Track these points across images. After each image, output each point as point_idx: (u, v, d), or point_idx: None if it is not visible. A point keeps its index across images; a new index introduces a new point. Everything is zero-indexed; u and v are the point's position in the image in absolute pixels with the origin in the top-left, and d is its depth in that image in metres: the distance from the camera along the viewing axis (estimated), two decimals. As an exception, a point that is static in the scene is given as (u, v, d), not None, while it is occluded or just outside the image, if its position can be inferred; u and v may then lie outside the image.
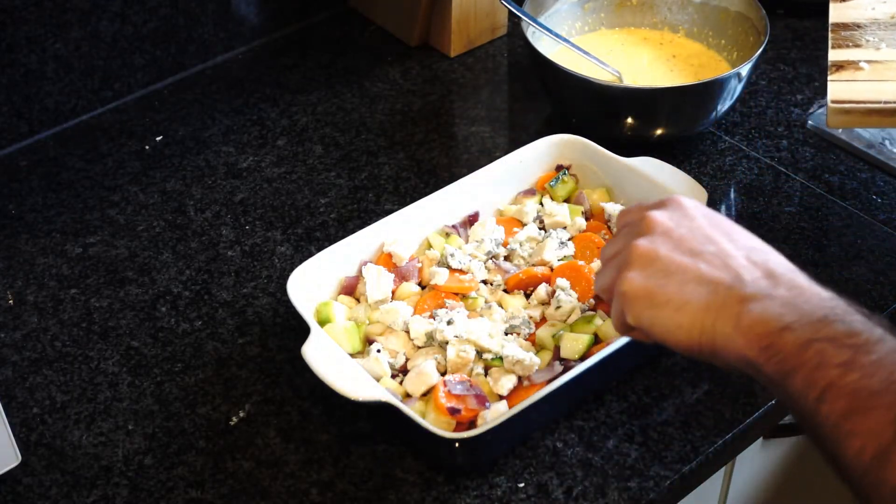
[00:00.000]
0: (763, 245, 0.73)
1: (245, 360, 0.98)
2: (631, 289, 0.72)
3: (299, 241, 1.10)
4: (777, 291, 0.67)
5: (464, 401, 0.86)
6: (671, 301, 0.70)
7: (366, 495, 0.87)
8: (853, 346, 0.62)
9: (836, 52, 1.06)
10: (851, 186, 1.14)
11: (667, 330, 0.70)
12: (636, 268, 0.72)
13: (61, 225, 1.13)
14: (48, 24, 1.18)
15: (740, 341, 0.66)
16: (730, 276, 0.69)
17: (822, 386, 0.61)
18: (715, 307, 0.68)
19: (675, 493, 0.89)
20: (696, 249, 0.71)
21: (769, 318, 0.65)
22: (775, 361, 0.64)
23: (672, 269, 0.71)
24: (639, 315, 0.72)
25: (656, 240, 0.72)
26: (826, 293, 0.67)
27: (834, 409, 0.61)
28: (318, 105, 1.27)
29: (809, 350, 0.63)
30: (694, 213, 0.74)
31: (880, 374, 0.60)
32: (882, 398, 0.59)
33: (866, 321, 0.64)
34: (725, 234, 0.73)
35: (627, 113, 1.15)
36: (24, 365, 0.98)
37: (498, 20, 1.35)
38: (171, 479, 0.89)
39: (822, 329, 0.64)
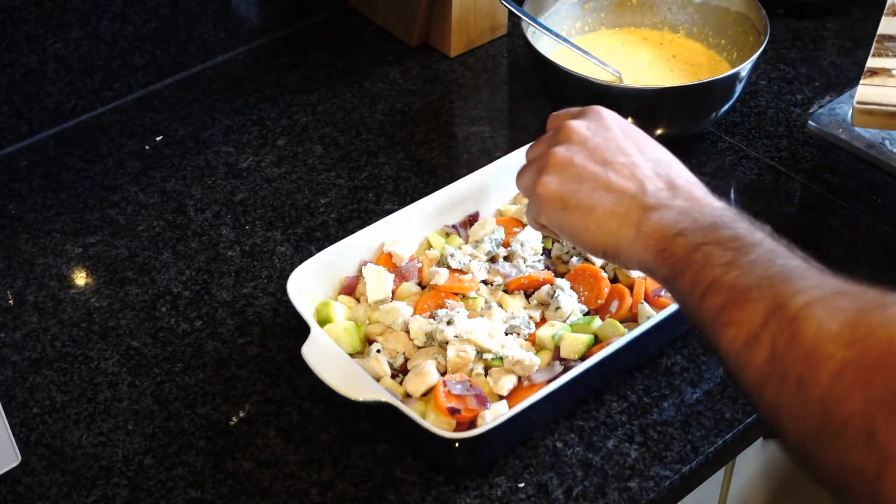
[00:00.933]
0: (670, 157, 0.80)
1: (245, 360, 0.98)
2: (546, 192, 0.79)
3: (299, 241, 1.10)
4: (675, 202, 0.74)
5: (464, 401, 0.86)
6: (580, 205, 0.77)
7: (366, 495, 0.87)
8: (735, 248, 0.68)
9: (874, 60, 1.11)
10: (851, 186, 1.14)
11: (575, 232, 0.78)
12: (552, 172, 0.79)
13: (61, 225, 1.13)
14: (48, 24, 1.18)
15: (639, 246, 0.74)
16: (635, 185, 0.76)
17: (705, 284, 0.67)
18: (619, 214, 0.75)
19: (675, 493, 0.89)
20: (608, 159, 0.78)
21: (665, 225, 0.73)
22: (668, 263, 0.71)
23: (584, 176, 0.78)
24: (551, 216, 0.79)
25: (573, 148, 0.80)
26: (718, 203, 0.75)
27: (714, 302, 0.66)
28: (318, 105, 1.27)
29: (698, 252, 0.69)
30: (610, 123, 0.82)
31: (756, 272, 0.66)
32: (755, 292, 0.64)
33: (749, 227, 0.71)
34: (637, 145, 0.80)
35: (627, 113, 1.14)
36: (24, 365, 0.98)
37: (498, 20, 1.35)
38: (171, 479, 0.89)
39: (710, 234, 0.70)
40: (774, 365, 0.61)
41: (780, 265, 0.66)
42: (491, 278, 0.99)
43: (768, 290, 0.64)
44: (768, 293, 0.64)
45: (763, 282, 0.65)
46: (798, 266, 0.66)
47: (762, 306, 0.63)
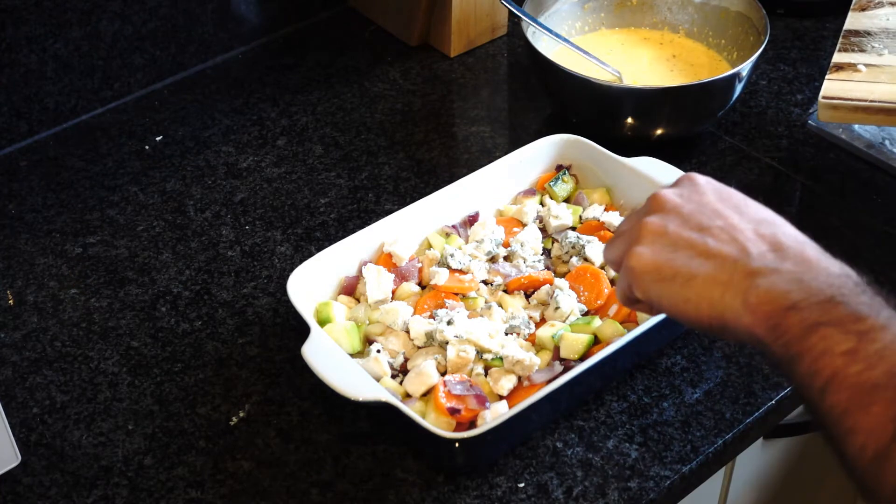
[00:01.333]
0: (774, 217, 0.72)
1: (245, 360, 0.98)
2: (639, 263, 0.72)
3: (299, 241, 1.10)
4: (784, 266, 0.67)
5: (464, 401, 0.86)
6: (678, 275, 0.70)
7: (366, 495, 0.87)
8: (858, 332, 0.61)
9: (840, 55, 1.11)
10: (851, 186, 1.14)
11: (674, 304, 0.70)
12: (645, 243, 0.72)
13: (61, 225, 1.13)
14: (48, 24, 1.18)
15: (748, 318, 0.66)
16: (736, 249, 0.69)
17: (826, 375, 0.61)
18: (722, 281, 0.68)
19: (675, 493, 0.89)
20: (704, 224, 0.71)
21: (776, 294, 0.65)
22: (782, 343, 0.64)
23: (680, 243, 0.71)
24: (647, 289, 0.72)
25: (666, 216, 0.73)
26: (835, 268, 0.67)
27: (837, 401, 0.60)
28: (318, 105, 1.27)
29: (815, 334, 0.62)
30: (705, 188, 0.75)
31: (882, 366, 0.59)
32: (883, 392, 0.58)
33: (873, 303, 0.63)
34: (734, 207, 0.73)
35: (627, 113, 1.15)
36: (24, 365, 0.98)
37: (498, 20, 1.35)
38: (171, 479, 0.89)
39: (829, 311, 0.63)
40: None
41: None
42: (491, 278, 0.99)
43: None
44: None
45: (891, 380, 0.58)
46: None
47: (892, 413, 0.57)
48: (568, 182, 1.07)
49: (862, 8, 1.18)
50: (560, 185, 1.06)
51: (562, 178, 1.07)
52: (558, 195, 1.06)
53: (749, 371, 0.95)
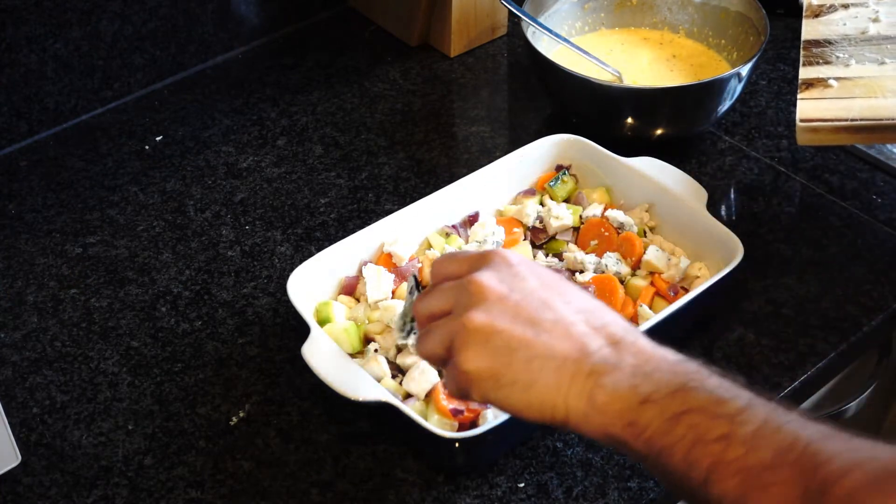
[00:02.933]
0: (597, 304, 0.70)
1: (245, 360, 0.98)
2: (475, 369, 0.67)
3: (299, 241, 1.10)
4: (625, 360, 0.65)
5: (465, 402, 0.86)
6: (518, 381, 0.66)
7: (366, 495, 0.87)
8: (726, 415, 0.59)
9: (806, 70, 1.05)
10: (851, 186, 1.14)
11: (516, 409, 0.68)
12: (475, 345, 0.67)
13: (61, 225, 1.13)
14: (48, 24, 1.18)
15: (598, 419, 0.64)
16: (574, 347, 0.66)
17: (706, 465, 0.58)
18: (564, 385, 0.65)
19: (675, 493, 0.89)
20: (535, 318, 0.68)
21: (624, 391, 0.63)
22: (643, 440, 0.62)
23: (514, 344, 0.67)
24: (486, 395, 0.68)
25: (492, 310, 0.68)
26: (671, 355, 0.65)
27: (727, 489, 0.57)
28: (318, 105, 1.27)
29: (680, 424, 0.60)
30: (524, 272, 0.70)
31: (765, 447, 0.57)
32: (777, 473, 0.56)
33: (725, 385, 0.62)
34: (560, 295, 0.70)
35: (627, 113, 1.15)
36: (24, 365, 0.98)
37: (498, 20, 1.35)
38: (171, 479, 0.89)
39: (686, 400, 0.61)
40: None
41: (789, 433, 0.57)
42: None
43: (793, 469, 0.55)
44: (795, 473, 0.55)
45: (781, 459, 0.56)
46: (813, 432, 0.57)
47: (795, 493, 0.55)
48: (568, 182, 1.07)
49: (815, 14, 1.12)
50: (560, 185, 1.06)
51: (562, 178, 1.07)
52: (558, 195, 1.06)
53: (749, 371, 0.95)
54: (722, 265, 0.95)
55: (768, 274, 1.04)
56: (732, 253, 0.95)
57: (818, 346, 0.97)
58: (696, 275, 0.98)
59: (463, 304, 0.69)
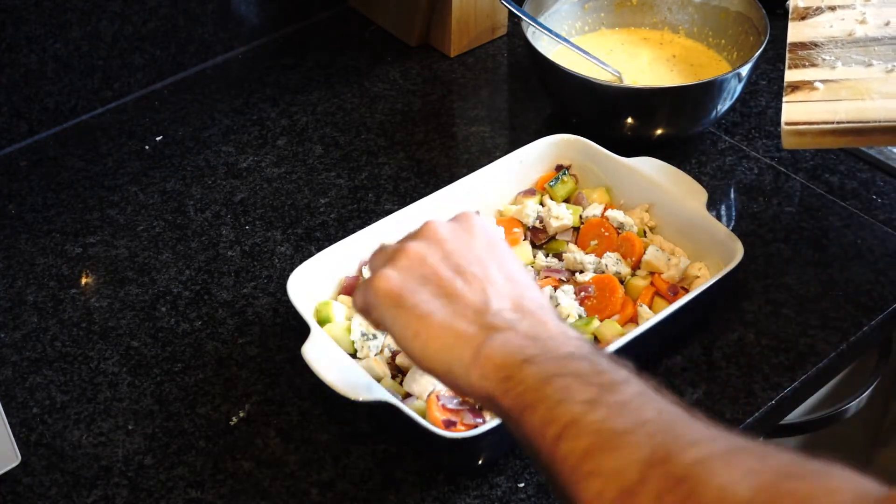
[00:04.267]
0: (529, 281, 0.72)
1: (245, 360, 0.98)
2: (384, 284, 0.70)
3: (299, 241, 1.10)
4: (521, 324, 0.66)
5: (459, 415, 0.86)
6: (416, 307, 0.68)
7: (366, 495, 0.87)
8: (599, 384, 0.60)
9: (792, 73, 1.04)
10: (851, 186, 1.14)
11: (403, 335, 0.69)
12: (398, 266, 0.71)
13: (61, 225, 1.13)
14: (48, 24, 1.18)
15: (477, 371, 0.65)
16: (480, 300, 0.68)
17: (563, 422, 0.58)
18: (457, 329, 0.67)
19: (675, 493, 0.89)
20: (461, 266, 0.70)
21: (510, 350, 0.64)
22: (514, 394, 0.62)
23: (430, 277, 0.70)
24: (381, 312, 0.70)
25: (430, 246, 0.72)
26: (572, 333, 0.66)
27: (574, 447, 0.57)
28: (318, 105, 1.27)
29: (552, 384, 0.60)
30: (476, 230, 0.73)
31: (627, 416, 0.57)
32: (628, 437, 0.56)
33: (611, 362, 0.62)
34: (498, 261, 0.72)
35: (627, 113, 1.15)
36: (24, 365, 0.98)
37: (498, 20, 1.35)
38: (171, 479, 0.89)
39: (567, 364, 0.62)
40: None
41: (654, 409, 0.58)
42: None
43: (646, 439, 0.55)
44: (646, 441, 0.55)
45: (638, 427, 0.56)
46: (677, 414, 0.58)
47: (639, 456, 0.54)
48: (568, 182, 1.07)
49: (801, 17, 1.11)
50: (560, 185, 1.06)
51: (562, 178, 1.07)
52: (558, 195, 1.06)
53: (749, 371, 0.95)
54: (722, 265, 0.95)
55: (768, 274, 1.04)
56: (732, 253, 0.95)
57: (818, 346, 0.97)
58: (696, 275, 0.98)
59: (411, 237, 0.74)
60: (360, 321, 0.93)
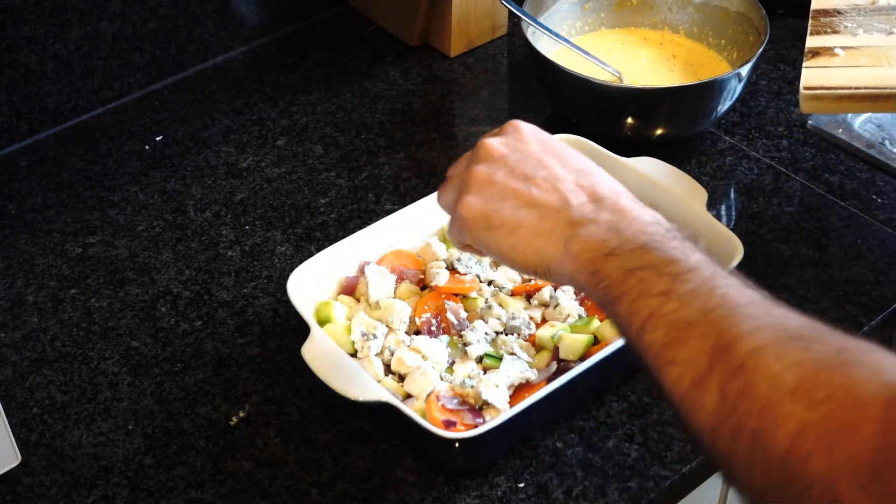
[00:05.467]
0: (593, 167, 0.77)
1: (245, 360, 0.98)
2: (469, 212, 0.76)
3: (299, 241, 1.10)
4: (601, 215, 0.71)
5: (458, 415, 0.86)
6: (505, 223, 0.74)
7: (366, 495, 0.87)
8: (671, 274, 0.65)
9: (814, 39, 1.06)
10: (851, 186, 1.14)
11: (502, 251, 0.75)
12: (474, 192, 0.76)
13: (61, 225, 1.13)
14: (48, 24, 1.18)
15: (570, 265, 0.71)
16: (558, 199, 0.73)
17: (644, 315, 0.65)
18: (545, 231, 0.73)
19: (675, 493, 0.89)
20: (529, 174, 0.75)
21: (594, 243, 0.70)
22: (602, 287, 0.68)
23: (506, 193, 0.75)
24: (476, 236, 0.76)
25: (493, 165, 0.76)
26: (648, 216, 0.71)
27: (655, 338, 0.64)
28: (318, 105, 1.27)
29: (632, 278, 0.66)
30: (528, 137, 0.79)
31: (695, 304, 0.63)
32: (697, 329, 0.62)
33: (683, 247, 0.67)
34: (558, 157, 0.77)
35: (627, 113, 1.15)
36: (24, 365, 0.98)
37: (498, 20, 1.35)
38: (171, 479, 0.89)
39: (643, 256, 0.67)
40: (726, 415, 0.59)
41: (720, 296, 0.63)
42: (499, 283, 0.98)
43: (711, 327, 0.62)
44: (711, 330, 0.61)
45: (704, 316, 0.62)
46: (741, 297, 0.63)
47: (706, 345, 0.61)
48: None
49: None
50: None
51: (562, 178, 1.07)
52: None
53: (749, 371, 0.95)
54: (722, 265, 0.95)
55: (768, 274, 1.04)
56: (732, 253, 0.94)
57: (818, 346, 0.97)
58: (697, 275, 0.98)
59: (472, 161, 0.78)
60: (360, 322, 0.93)
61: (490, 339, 0.93)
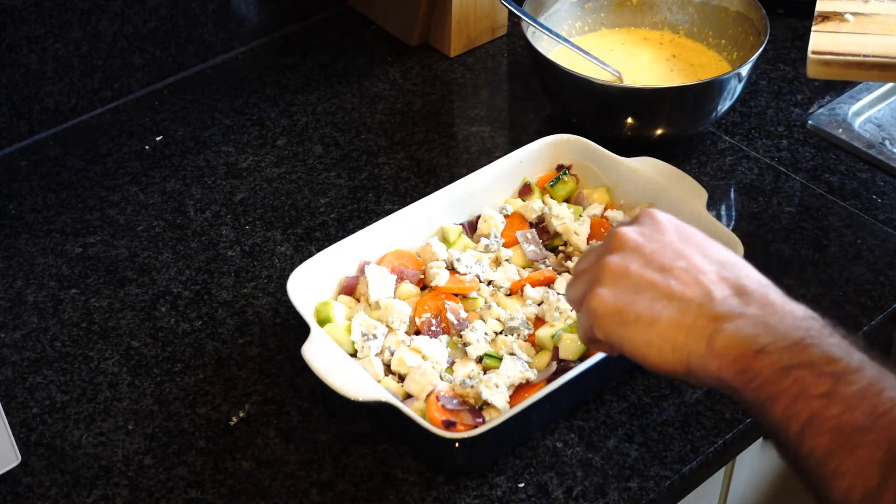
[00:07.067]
0: (736, 259, 0.71)
1: (245, 360, 0.98)
2: (601, 305, 0.70)
3: (299, 241, 1.10)
4: (749, 310, 0.66)
5: (458, 415, 0.86)
6: (640, 318, 0.68)
7: (366, 495, 0.87)
8: (833, 374, 0.60)
9: (824, 3, 1.04)
10: (851, 186, 1.14)
11: (636, 348, 0.69)
12: (606, 284, 0.70)
13: (61, 225, 1.13)
14: (48, 24, 1.18)
15: (714, 363, 0.65)
16: (700, 292, 0.68)
17: (803, 419, 0.60)
18: (686, 325, 0.67)
19: (675, 493, 0.89)
20: (667, 265, 0.70)
21: (743, 339, 0.64)
22: (753, 387, 0.63)
23: (642, 285, 0.69)
24: (609, 332, 0.70)
25: (627, 255, 0.71)
26: (801, 311, 0.66)
27: (817, 445, 0.59)
28: (318, 105, 1.27)
29: (788, 377, 0.61)
30: (666, 226, 0.73)
31: (863, 408, 0.58)
32: (867, 435, 0.57)
33: (843, 345, 0.62)
34: (698, 248, 0.71)
35: (627, 113, 1.15)
36: (24, 365, 0.98)
37: (498, 20, 1.35)
38: (171, 479, 0.89)
39: (799, 354, 0.62)
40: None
41: (889, 399, 0.58)
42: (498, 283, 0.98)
43: (882, 434, 0.57)
44: (882, 437, 0.57)
45: (875, 422, 0.57)
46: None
47: (878, 455, 0.56)
48: (568, 182, 1.07)
49: None
50: (560, 185, 1.06)
51: (562, 178, 1.07)
52: (558, 195, 1.06)
53: (749, 371, 0.95)
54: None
55: (768, 274, 1.04)
56: (732, 253, 0.94)
57: (818, 346, 0.97)
58: (697, 275, 0.98)
59: (604, 252, 0.73)
60: (360, 322, 0.93)
61: (490, 339, 0.93)
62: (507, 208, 1.05)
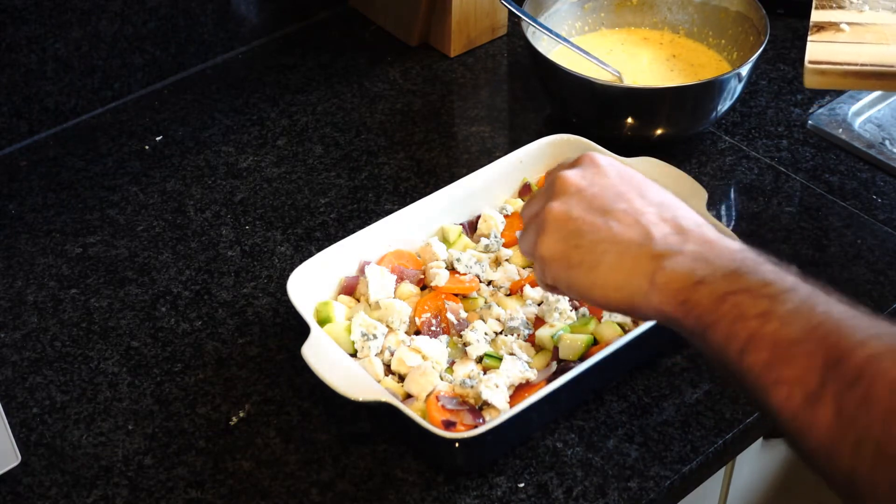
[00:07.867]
0: (674, 200, 0.74)
1: (245, 360, 0.98)
2: (547, 252, 0.73)
3: (299, 241, 1.10)
4: (687, 247, 0.69)
5: (458, 415, 0.86)
6: (584, 261, 0.72)
7: (366, 495, 0.87)
8: (768, 295, 0.63)
9: (819, 13, 1.05)
10: (851, 186, 1.14)
11: (583, 290, 0.73)
12: (551, 231, 0.73)
13: (61, 225, 1.13)
14: (48, 24, 1.18)
15: (657, 297, 0.68)
16: (640, 233, 0.71)
17: (743, 338, 0.63)
18: (628, 266, 0.70)
19: (675, 493, 0.89)
20: (608, 208, 0.73)
21: (682, 273, 0.67)
22: (693, 316, 0.66)
23: (585, 229, 0.72)
24: (556, 277, 0.74)
25: (569, 201, 0.74)
26: (735, 245, 0.69)
27: (758, 359, 0.62)
28: (318, 105, 1.27)
29: (726, 303, 0.64)
30: (607, 170, 0.76)
31: (798, 323, 0.61)
32: (802, 346, 0.60)
33: (777, 270, 0.66)
34: (637, 190, 0.74)
35: (627, 113, 1.15)
36: (24, 365, 0.98)
37: (498, 20, 1.35)
38: (171, 479, 0.89)
39: (736, 281, 0.65)
40: (845, 428, 0.57)
41: (822, 312, 0.62)
42: (498, 283, 0.98)
43: (818, 343, 0.60)
44: (819, 346, 0.60)
45: (810, 334, 0.61)
46: (843, 312, 0.62)
47: (816, 362, 0.59)
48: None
49: None
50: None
51: (562, 178, 1.07)
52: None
53: (749, 371, 0.95)
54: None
55: (768, 274, 1.04)
56: (732, 253, 0.94)
57: (818, 346, 0.97)
58: (697, 275, 0.98)
59: (547, 198, 0.75)
60: (360, 322, 0.93)
61: (490, 339, 0.93)
62: (507, 208, 1.05)
